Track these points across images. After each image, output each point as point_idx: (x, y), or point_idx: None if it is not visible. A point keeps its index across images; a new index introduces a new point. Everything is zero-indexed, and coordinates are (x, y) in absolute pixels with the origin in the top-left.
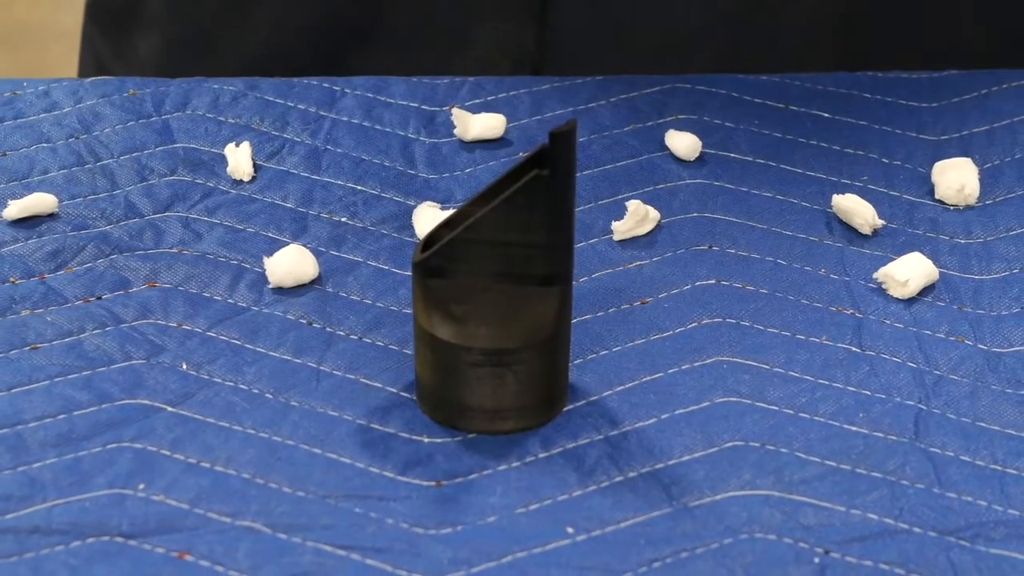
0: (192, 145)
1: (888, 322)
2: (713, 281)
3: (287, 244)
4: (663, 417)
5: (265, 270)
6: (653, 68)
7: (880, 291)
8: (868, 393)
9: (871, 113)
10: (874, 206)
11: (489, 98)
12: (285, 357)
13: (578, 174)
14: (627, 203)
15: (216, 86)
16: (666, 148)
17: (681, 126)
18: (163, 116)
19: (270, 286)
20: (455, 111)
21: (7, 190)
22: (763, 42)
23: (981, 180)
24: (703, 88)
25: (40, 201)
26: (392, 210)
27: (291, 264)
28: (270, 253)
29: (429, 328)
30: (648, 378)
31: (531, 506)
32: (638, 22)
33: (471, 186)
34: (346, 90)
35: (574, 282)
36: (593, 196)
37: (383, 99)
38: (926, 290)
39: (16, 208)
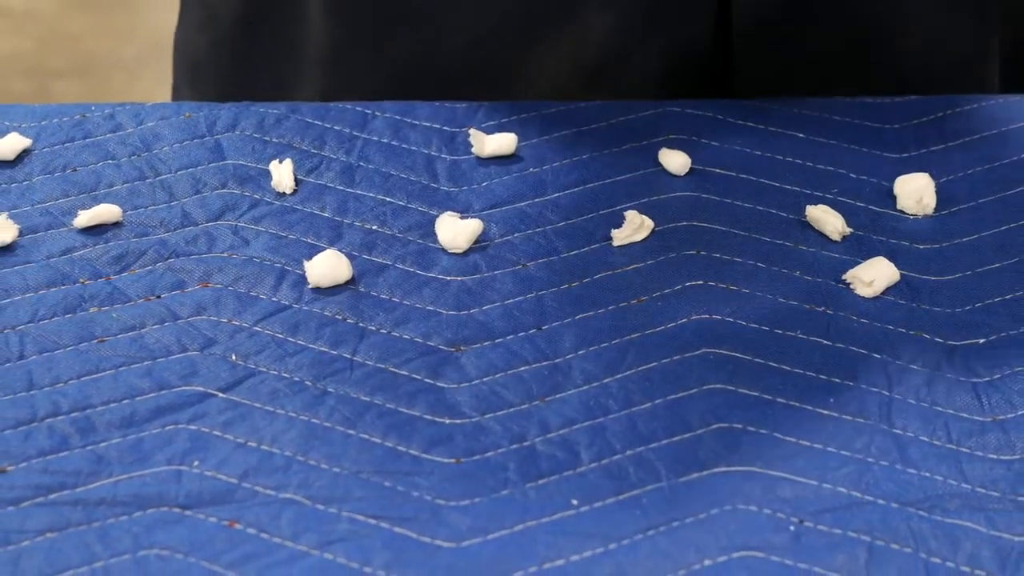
0: (240, 162)
1: (855, 318)
2: (701, 282)
3: (324, 249)
4: (656, 402)
5: (305, 272)
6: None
7: (848, 291)
8: (838, 380)
9: (841, 134)
10: (843, 216)
11: (502, 120)
12: (323, 349)
13: (581, 187)
14: (625, 213)
15: (261, 109)
16: (659, 164)
17: (672, 145)
18: (215, 136)
19: (309, 286)
20: (472, 131)
21: (77, 202)
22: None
23: (938, 193)
24: (691, 111)
25: (107, 211)
26: (417, 219)
27: (328, 267)
28: (310, 257)
29: None
30: (643, 367)
31: (539, 481)
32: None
33: (487, 198)
34: (376, 113)
35: (576, 284)
36: (594, 207)
37: (409, 121)
38: (889, 290)
39: (85, 217)
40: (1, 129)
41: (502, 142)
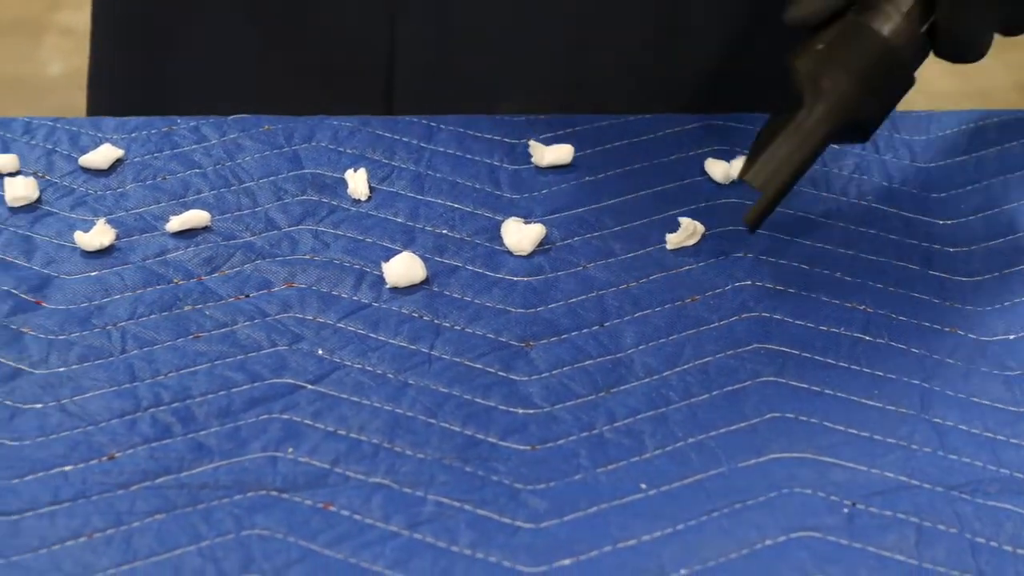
0: (318, 171)
1: (894, 316)
2: (749, 282)
3: (400, 252)
4: (714, 394)
5: (383, 273)
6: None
7: (885, 289)
8: (880, 374)
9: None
10: (877, 220)
11: (558, 132)
12: (402, 344)
13: (634, 195)
14: (680, 219)
15: (335, 122)
16: (705, 173)
17: (717, 156)
18: (293, 147)
19: (387, 286)
20: (532, 143)
21: (168, 208)
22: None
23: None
24: (733, 124)
25: (196, 216)
26: (483, 224)
27: (404, 268)
28: (386, 259)
29: None
30: (700, 361)
31: (609, 467)
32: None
33: (547, 204)
34: (441, 126)
35: (634, 284)
36: (647, 213)
37: (472, 133)
38: (925, 289)
39: (177, 222)
40: (94, 140)
41: (559, 153)
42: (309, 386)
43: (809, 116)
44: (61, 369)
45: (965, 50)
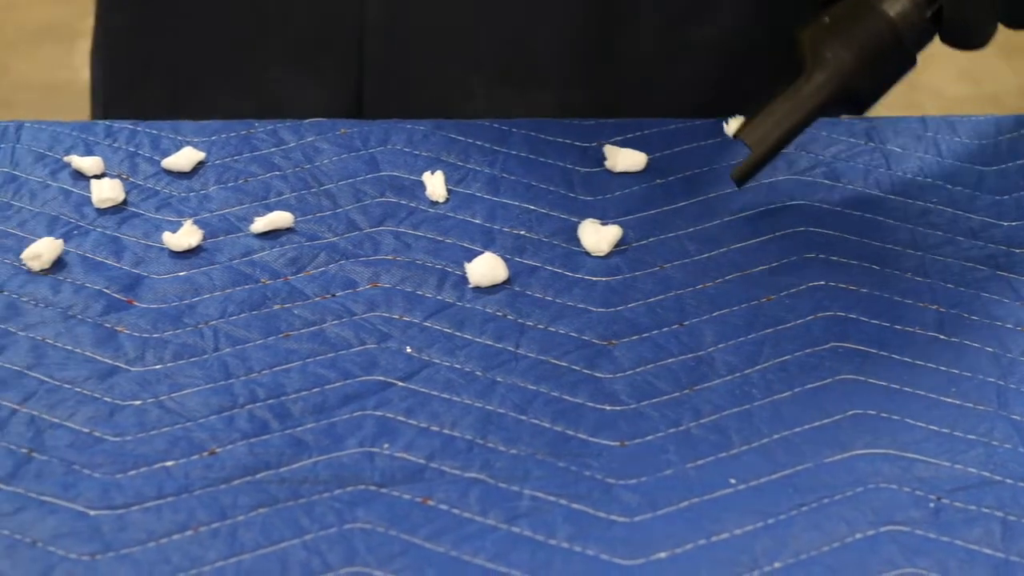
0: (395, 173)
1: (966, 316)
2: (823, 282)
3: (479, 253)
4: (796, 391)
5: (466, 273)
6: None
7: (955, 289)
8: (956, 372)
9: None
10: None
11: (627, 135)
12: (488, 342)
13: (704, 197)
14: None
15: (409, 126)
16: (772, 175)
17: (783, 158)
18: (369, 150)
19: (470, 285)
20: (607, 147)
21: (251, 209)
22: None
23: None
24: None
25: (280, 218)
26: (560, 225)
27: (487, 268)
28: (466, 260)
29: None
30: (779, 360)
31: (698, 462)
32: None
33: (621, 206)
34: (513, 129)
35: (710, 284)
36: (718, 214)
37: (544, 136)
38: (998, 289)
39: (261, 223)
40: (175, 143)
41: (633, 159)
42: (400, 383)
43: (807, 83)
44: (157, 367)
45: (969, 37)
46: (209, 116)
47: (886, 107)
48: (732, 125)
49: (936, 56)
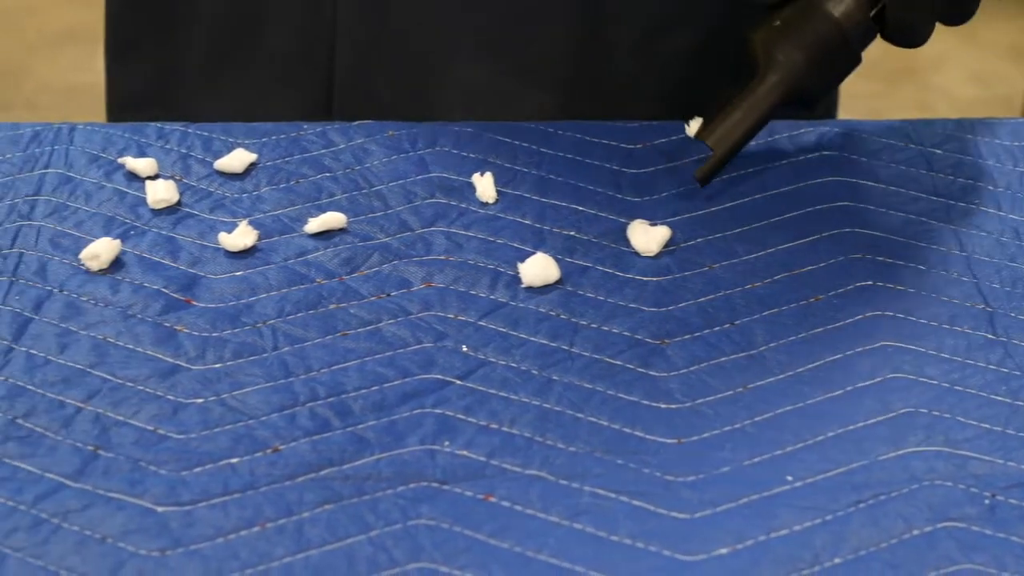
0: (444, 174)
1: (1012, 315)
2: (870, 283)
3: (530, 253)
4: (847, 389)
5: (518, 273)
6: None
7: (1001, 289)
8: (1006, 371)
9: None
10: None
11: (672, 137)
12: (542, 341)
13: (750, 198)
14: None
15: (456, 128)
16: (818, 176)
17: (827, 160)
18: (417, 152)
19: (523, 285)
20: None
21: (303, 210)
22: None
23: None
24: (838, 129)
25: (333, 218)
26: (609, 226)
27: (540, 268)
28: (518, 260)
29: None
30: (831, 358)
31: (755, 459)
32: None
33: (668, 207)
34: (559, 132)
35: (759, 284)
36: (766, 215)
37: (589, 139)
38: None
39: (315, 224)
40: (226, 145)
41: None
42: (458, 381)
43: (761, 84)
44: (217, 365)
45: (908, 36)
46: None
47: (898, 110)
48: (693, 126)
49: (947, 59)
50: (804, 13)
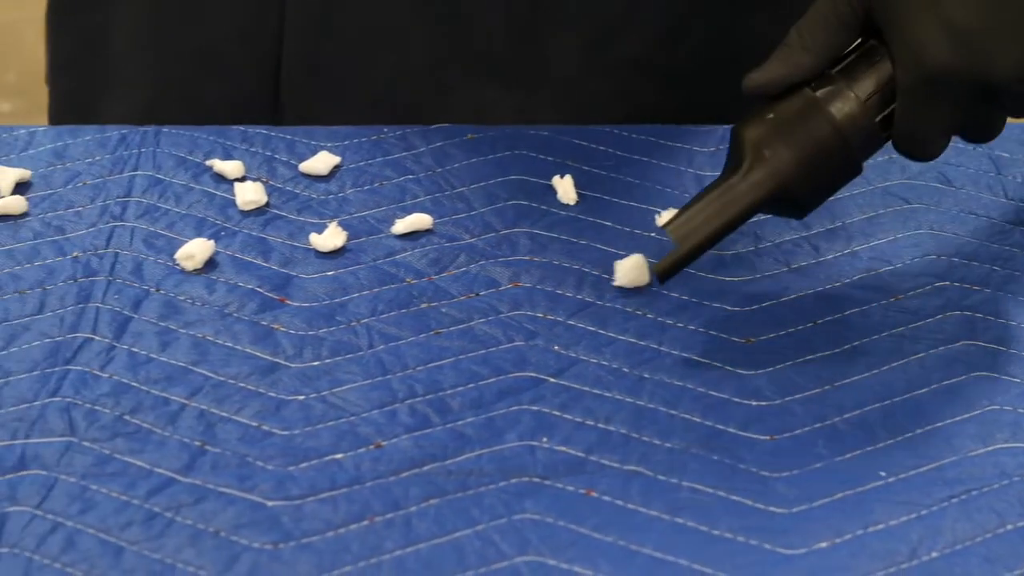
0: (524, 177)
1: None
2: (947, 283)
3: (614, 254)
4: (933, 387)
5: (604, 273)
6: None
7: None
8: None
9: None
10: None
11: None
12: (631, 340)
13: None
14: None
15: (532, 132)
16: (889, 179)
17: (895, 163)
18: (497, 155)
19: (615, 283)
20: None
21: (389, 211)
22: None
23: None
24: None
25: (420, 219)
26: None
27: (636, 269)
28: (601, 261)
29: None
30: (916, 356)
31: (847, 455)
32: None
33: None
34: (633, 135)
35: (839, 284)
36: (845, 216)
37: (664, 142)
38: None
39: (402, 225)
40: (309, 148)
41: None
42: (551, 379)
43: (742, 181)
44: (316, 363)
45: (919, 148)
46: (129, 113)
47: None
48: (664, 216)
49: None
50: (802, 109)
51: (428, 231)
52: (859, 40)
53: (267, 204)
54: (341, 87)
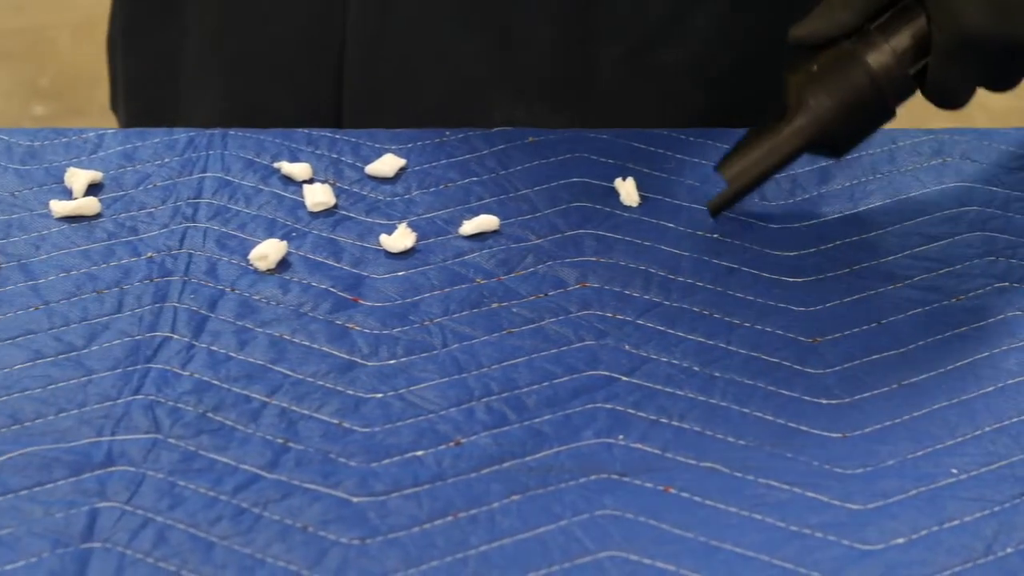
0: (586, 180)
1: None
2: (1006, 284)
3: (681, 255)
4: (998, 385)
5: (676, 273)
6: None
7: None
8: None
9: None
10: None
11: None
12: (700, 339)
13: (881, 202)
14: None
15: (592, 135)
16: (947, 182)
17: (951, 167)
18: (558, 158)
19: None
20: None
21: (455, 213)
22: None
23: None
24: (958, 137)
25: (487, 221)
26: (753, 230)
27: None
28: (668, 262)
29: None
30: (980, 355)
31: (918, 453)
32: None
33: (813, 210)
34: (690, 139)
35: (901, 285)
36: (899, 219)
37: (719, 145)
38: None
39: (469, 226)
40: (374, 151)
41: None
42: (623, 378)
43: (787, 127)
44: (392, 362)
45: (949, 98)
46: (191, 122)
47: (938, 119)
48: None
49: None
50: (841, 61)
51: (495, 232)
52: None
53: (335, 206)
54: (397, 100)
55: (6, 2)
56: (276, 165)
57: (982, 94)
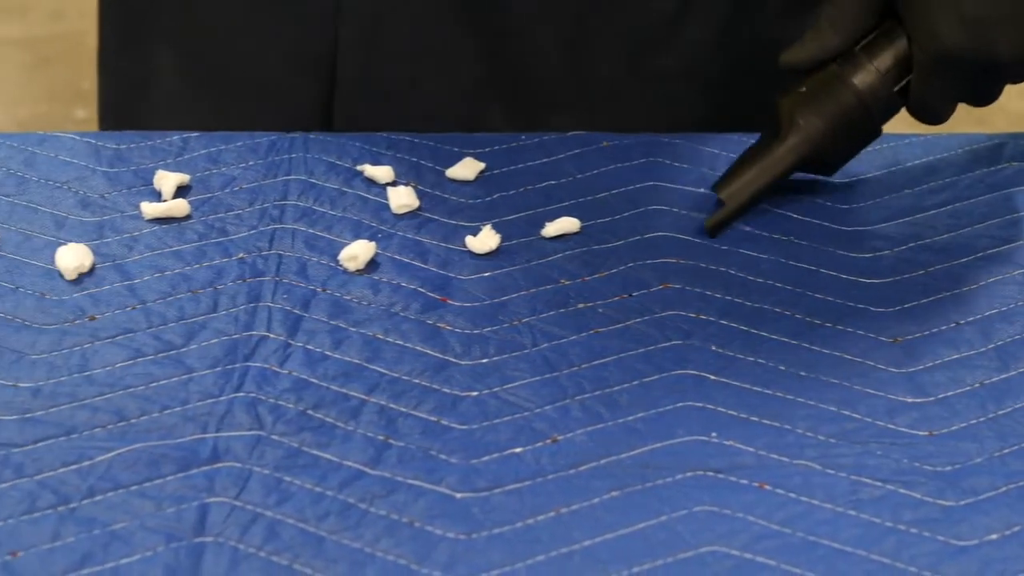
0: (660, 183)
1: None
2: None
3: (756, 257)
4: None
5: (756, 275)
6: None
7: None
8: None
9: None
10: None
11: (880, 146)
12: (783, 339)
13: (950, 206)
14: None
15: (665, 140)
16: (1011, 186)
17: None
18: (633, 162)
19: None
20: None
21: (536, 215)
22: None
23: None
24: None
25: (568, 223)
26: (826, 232)
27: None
28: (746, 265)
29: None
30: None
31: (1005, 450)
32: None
33: (883, 213)
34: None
35: (975, 286)
36: (968, 222)
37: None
38: None
39: (552, 228)
40: (452, 154)
41: None
42: (711, 377)
43: (780, 145)
44: (484, 361)
45: (931, 113)
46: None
47: (953, 123)
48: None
49: None
50: (829, 83)
51: (576, 234)
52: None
53: (419, 208)
54: (393, 108)
55: (47, 9)
56: (359, 168)
57: (1003, 98)
